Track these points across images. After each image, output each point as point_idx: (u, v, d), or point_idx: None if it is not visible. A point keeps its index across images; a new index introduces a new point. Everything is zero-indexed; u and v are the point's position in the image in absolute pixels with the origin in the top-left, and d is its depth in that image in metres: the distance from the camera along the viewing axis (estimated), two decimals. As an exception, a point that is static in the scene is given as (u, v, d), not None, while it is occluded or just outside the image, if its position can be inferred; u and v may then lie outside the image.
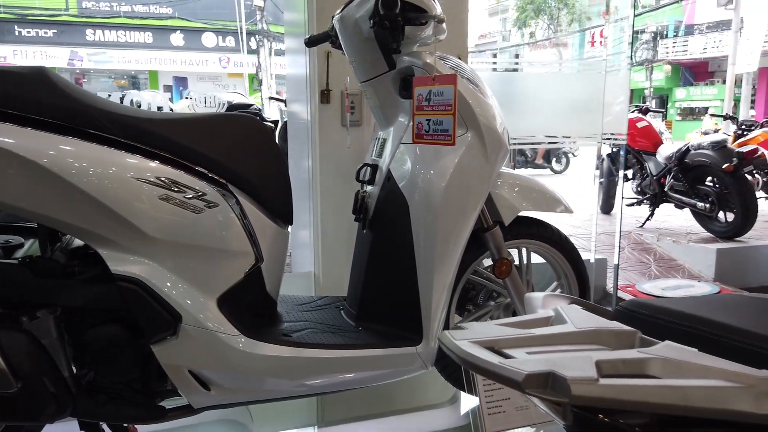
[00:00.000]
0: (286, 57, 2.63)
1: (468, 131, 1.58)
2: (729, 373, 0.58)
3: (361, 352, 1.53)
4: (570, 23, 25.82)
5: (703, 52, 22.70)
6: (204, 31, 19.53)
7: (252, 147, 1.48)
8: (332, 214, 2.21)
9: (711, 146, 5.00)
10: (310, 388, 1.53)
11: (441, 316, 1.62)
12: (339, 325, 1.66)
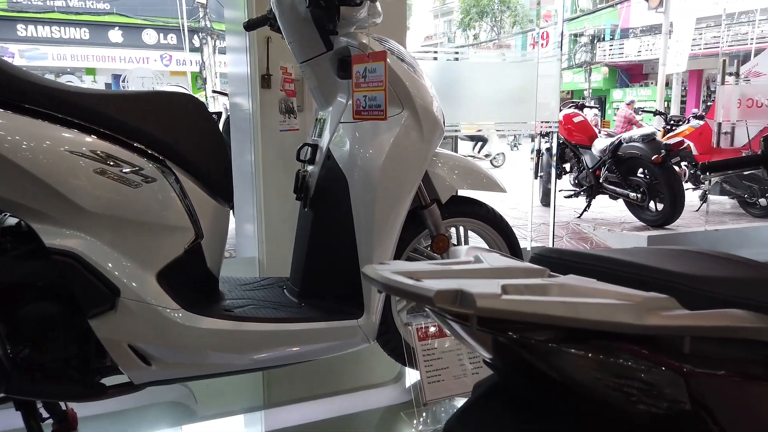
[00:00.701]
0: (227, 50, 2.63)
1: (404, 110, 1.64)
2: (618, 294, 0.65)
3: (303, 326, 1.57)
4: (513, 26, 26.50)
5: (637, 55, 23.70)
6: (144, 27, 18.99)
7: (189, 124, 1.49)
8: (275, 198, 2.23)
9: (641, 139, 5.27)
10: (253, 363, 1.55)
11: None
12: (281, 302, 1.69)
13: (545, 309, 0.60)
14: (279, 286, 1.83)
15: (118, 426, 1.83)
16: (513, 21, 26.61)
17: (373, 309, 1.66)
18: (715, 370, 0.65)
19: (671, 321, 0.61)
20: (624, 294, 0.65)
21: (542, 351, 0.66)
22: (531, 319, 0.59)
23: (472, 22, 27.27)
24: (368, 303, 1.65)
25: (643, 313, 0.62)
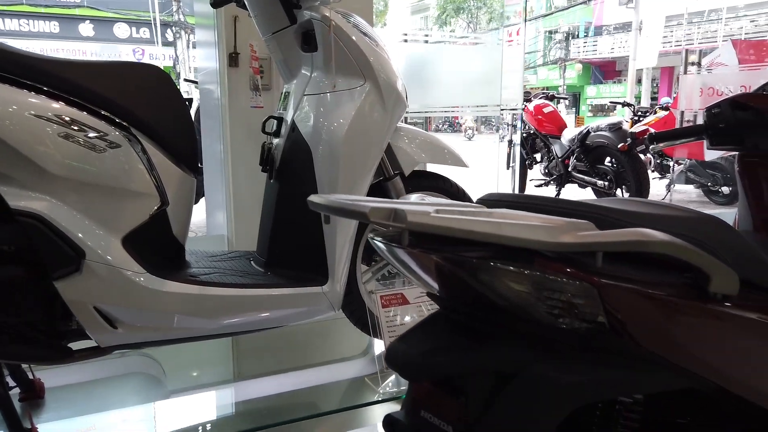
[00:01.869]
0: (195, 30, 2.66)
1: (366, 82, 1.69)
2: (540, 219, 0.71)
3: (269, 291, 1.61)
4: (489, 22, 26.73)
5: (611, 52, 24.07)
6: (116, 21, 18.71)
7: (154, 93, 1.52)
8: (244, 176, 2.26)
9: (608, 128, 5.40)
10: (220, 328, 1.59)
11: (345, 259, 1.72)
12: (247, 271, 1.73)
13: (471, 226, 0.66)
14: (246, 258, 1.86)
15: (84, 396, 1.84)
16: (489, 17, 26.83)
17: (338, 277, 1.71)
18: (625, 284, 0.71)
19: (584, 239, 0.68)
20: (546, 218, 0.71)
21: (473, 267, 0.72)
22: (457, 235, 0.65)
23: (449, 18, 27.43)
24: (333, 271, 1.69)
25: (559, 233, 0.68)
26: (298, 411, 1.90)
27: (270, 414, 1.85)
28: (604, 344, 0.76)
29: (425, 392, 0.81)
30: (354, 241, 1.76)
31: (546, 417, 0.74)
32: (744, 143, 1.65)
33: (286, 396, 2.00)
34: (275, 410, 1.90)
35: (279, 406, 1.96)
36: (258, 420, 1.81)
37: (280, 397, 2.00)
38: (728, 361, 0.84)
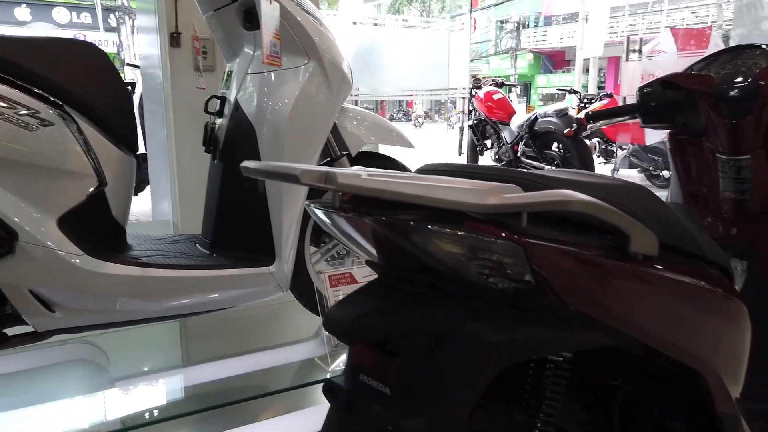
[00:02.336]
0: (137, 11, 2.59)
1: (310, 60, 1.68)
2: (469, 183, 0.74)
3: (214, 272, 1.60)
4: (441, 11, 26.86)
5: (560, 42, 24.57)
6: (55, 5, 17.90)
7: (89, 70, 1.48)
8: (189, 160, 2.22)
9: (555, 114, 5.54)
10: (165, 310, 1.57)
11: (292, 240, 1.72)
12: (192, 253, 1.71)
13: (401, 188, 0.67)
14: (191, 241, 1.84)
15: (24, 386, 1.79)
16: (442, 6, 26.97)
17: (285, 257, 1.71)
18: (549, 243, 0.74)
19: (509, 200, 0.70)
20: (474, 183, 0.73)
21: (405, 230, 0.73)
22: (388, 197, 0.66)
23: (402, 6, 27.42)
24: (279, 251, 1.69)
25: (486, 195, 0.70)
26: (248, 393, 1.90)
27: (220, 397, 1.85)
28: (533, 303, 0.79)
29: (364, 357, 0.83)
30: (301, 222, 1.76)
31: (477, 375, 0.77)
32: (674, 122, 1.73)
33: (237, 379, 2.00)
34: (226, 393, 1.90)
35: (230, 389, 1.95)
36: (208, 402, 1.80)
37: (230, 381, 1.99)
38: (649, 318, 0.89)
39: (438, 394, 0.76)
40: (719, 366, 1.05)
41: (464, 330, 0.77)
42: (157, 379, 2.00)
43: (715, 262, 1.10)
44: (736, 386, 1.16)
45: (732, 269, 1.17)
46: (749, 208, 1.67)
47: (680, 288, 0.94)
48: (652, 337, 0.90)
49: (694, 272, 0.99)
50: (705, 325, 1.00)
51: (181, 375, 2.07)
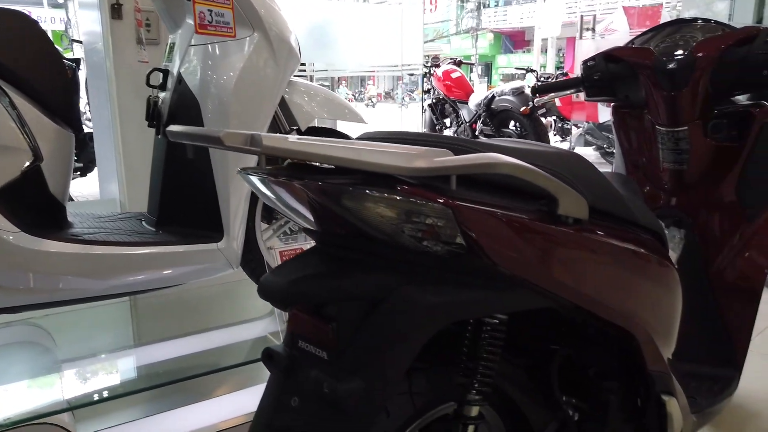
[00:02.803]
0: None
1: (254, 32, 1.65)
2: (400, 147, 0.74)
3: (160, 249, 1.57)
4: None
5: (520, 22, 24.71)
6: (-2, -20, 17.03)
7: (21, 42, 1.42)
8: (135, 136, 2.17)
9: (512, 92, 5.59)
10: (110, 288, 1.53)
11: (241, 216, 1.70)
12: (137, 230, 1.67)
13: (329, 151, 0.67)
14: (137, 219, 1.80)
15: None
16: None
17: (234, 233, 1.69)
18: (478, 206, 0.76)
19: (438, 164, 0.71)
20: (405, 147, 0.73)
21: (336, 194, 0.73)
22: (315, 160, 0.66)
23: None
24: (228, 227, 1.67)
25: (415, 158, 0.71)
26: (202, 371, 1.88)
27: (173, 376, 1.83)
28: (465, 266, 0.80)
29: (301, 323, 0.83)
30: (250, 198, 1.74)
31: (411, 337, 0.78)
32: (617, 95, 1.77)
33: (190, 358, 1.98)
34: (179, 372, 1.88)
35: (183, 368, 1.93)
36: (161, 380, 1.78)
37: (183, 359, 1.97)
38: (580, 280, 0.91)
39: (373, 356, 0.77)
40: (651, 327, 1.09)
41: (399, 293, 0.77)
42: (107, 360, 1.97)
43: (648, 228, 1.14)
44: (668, 347, 1.21)
45: (665, 235, 1.21)
46: (687, 179, 1.73)
47: (611, 251, 0.97)
48: (584, 298, 0.93)
49: (624, 236, 1.02)
50: (636, 287, 1.03)
51: (132, 355, 2.04)
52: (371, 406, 0.77)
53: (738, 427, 1.91)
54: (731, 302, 1.72)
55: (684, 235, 1.73)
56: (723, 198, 1.70)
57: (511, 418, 1.08)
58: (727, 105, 1.65)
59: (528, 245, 0.82)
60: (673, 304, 1.17)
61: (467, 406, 0.90)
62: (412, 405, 0.90)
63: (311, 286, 0.77)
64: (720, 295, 1.73)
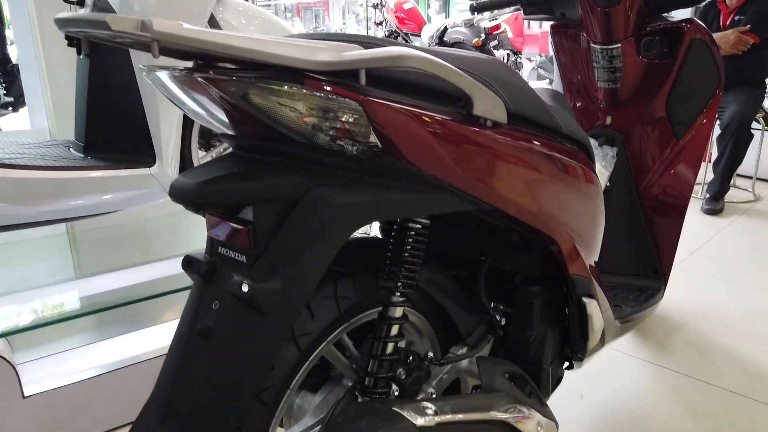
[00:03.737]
0: None
1: (176, -57, 1.56)
2: (307, 41, 0.72)
3: (88, 174, 1.52)
4: None
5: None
6: None
7: None
8: (60, 63, 2.05)
9: (464, 24, 5.51)
10: (39, 214, 1.49)
11: (174, 140, 1.66)
12: (64, 156, 1.61)
13: (228, 40, 0.64)
14: (64, 146, 1.73)
15: None
16: None
17: (167, 159, 1.65)
18: (389, 102, 0.75)
19: (345, 57, 0.69)
20: (315, 41, 0.71)
21: (243, 89, 0.71)
22: (212, 49, 0.64)
23: None
24: (160, 152, 1.63)
25: (321, 52, 0.69)
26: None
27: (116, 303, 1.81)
28: (382, 166, 0.80)
29: (220, 228, 0.82)
30: (183, 122, 1.69)
31: (328, 237, 0.78)
32: (554, 12, 1.76)
33: (133, 288, 1.96)
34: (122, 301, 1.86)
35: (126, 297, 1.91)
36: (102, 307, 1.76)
37: (127, 290, 1.95)
38: (498, 183, 0.93)
39: (291, 257, 0.77)
40: (573, 233, 1.13)
41: (314, 193, 0.77)
42: (45, 290, 1.93)
43: (573, 138, 1.17)
44: (590, 253, 1.26)
45: (590, 147, 1.24)
46: (620, 97, 1.76)
47: (530, 155, 0.99)
48: (504, 202, 0.94)
49: (546, 142, 1.04)
50: (557, 193, 1.06)
51: (73, 286, 2.00)
52: (290, 306, 0.78)
53: (665, 337, 2.04)
54: (659, 217, 1.79)
55: (616, 153, 1.78)
56: (654, 115, 1.74)
57: (440, 324, 1.12)
58: (659, 22, 1.66)
59: (444, 145, 0.82)
60: (595, 211, 1.21)
61: (392, 308, 0.93)
62: (338, 308, 0.92)
63: (224, 187, 0.76)
64: (648, 210, 1.80)
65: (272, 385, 0.84)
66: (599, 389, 1.72)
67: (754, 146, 3.59)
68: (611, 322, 1.43)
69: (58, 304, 1.82)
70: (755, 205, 3.73)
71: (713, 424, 1.57)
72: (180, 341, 0.81)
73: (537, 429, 0.95)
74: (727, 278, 2.57)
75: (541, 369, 1.16)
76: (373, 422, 0.77)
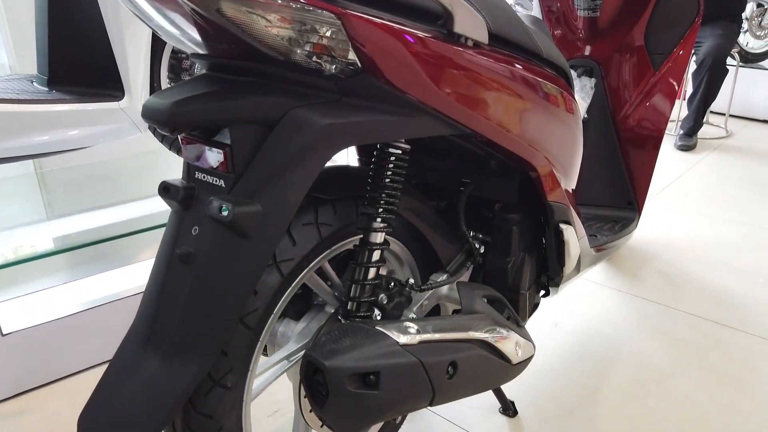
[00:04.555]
0: None
1: None
2: None
3: (53, 107, 1.46)
4: None
5: None
6: None
7: None
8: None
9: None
10: (1, 150, 1.44)
11: (143, 71, 1.59)
12: (27, 90, 1.54)
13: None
14: (27, 80, 1.66)
15: None
16: None
17: (136, 92, 1.59)
18: (368, 16, 0.72)
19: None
20: None
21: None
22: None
23: None
24: (128, 84, 1.57)
25: None
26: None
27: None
28: (362, 87, 0.78)
29: (197, 153, 0.80)
30: (151, 55, 1.62)
31: (307, 159, 0.77)
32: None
33: (109, 228, 1.93)
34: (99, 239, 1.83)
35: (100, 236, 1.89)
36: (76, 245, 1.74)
37: (102, 230, 1.92)
38: (479, 106, 0.92)
39: (270, 179, 0.76)
40: (551, 158, 1.14)
41: (293, 114, 0.75)
42: (16, 233, 1.89)
43: (553, 63, 1.15)
44: (568, 180, 1.27)
45: (569, 72, 1.23)
46: (600, 26, 1.74)
47: (511, 78, 0.97)
48: (484, 126, 0.94)
49: (527, 66, 1.02)
50: (536, 117, 1.05)
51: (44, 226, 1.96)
52: (271, 229, 0.77)
53: (638, 268, 2.10)
54: (635, 149, 1.81)
55: (594, 84, 1.77)
56: (632, 45, 1.73)
57: (420, 252, 1.12)
58: (641, -53, 1.63)
59: (424, 64, 0.80)
60: (574, 137, 1.21)
61: (373, 234, 0.93)
62: (319, 235, 0.92)
63: (199, 107, 0.73)
64: (625, 142, 1.81)
65: (256, 310, 0.84)
66: (573, 318, 1.78)
67: (728, 83, 3.61)
68: (587, 250, 1.46)
69: (32, 244, 1.79)
70: (727, 141, 3.80)
71: (682, 347, 1.64)
72: (160, 267, 0.80)
73: (515, 348, 0.98)
74: (698, 211, 2.64)
75: (519, 294, 1.18)
76: (357, 340, 0.78)
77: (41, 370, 1.44)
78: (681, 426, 1.34)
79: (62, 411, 1.37)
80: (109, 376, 0.78)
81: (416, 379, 0.80)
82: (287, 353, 0.97)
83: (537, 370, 1.53)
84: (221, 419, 0.83)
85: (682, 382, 1.49)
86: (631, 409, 1.39)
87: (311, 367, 0.78)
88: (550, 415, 1.37)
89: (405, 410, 0.83)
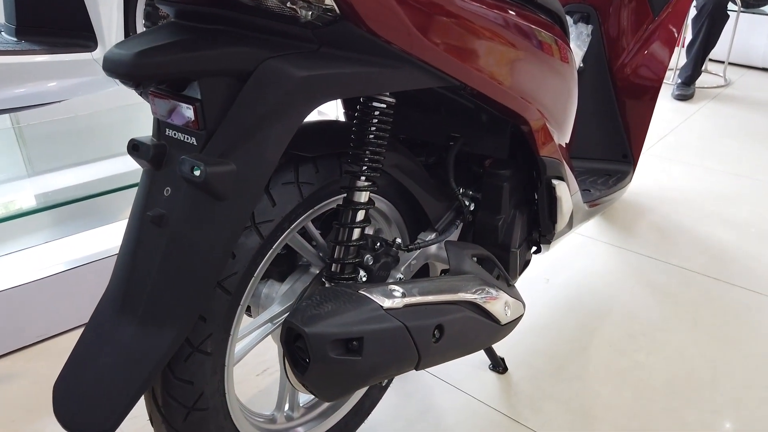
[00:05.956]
0: None
1: None
2: None
3: (24, 59, 1.39)
4: None
5: None
6: None
7: None
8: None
9: None
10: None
11: (117, 20, 1.51)
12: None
13: None
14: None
15: None
16: None
17: (110, 42, 1.52)
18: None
19: None
20: None
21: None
22: None
23: None
24: (101, 33, 1.49)
25: None
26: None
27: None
28: (341, 36, 0.73)
29: (166, 109, 0.75)
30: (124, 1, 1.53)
31: (284, 113, 0.72)
32: None
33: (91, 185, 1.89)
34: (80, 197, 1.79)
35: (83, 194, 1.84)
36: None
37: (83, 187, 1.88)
38: (466, 55, 0.86)
39: (244, 137, 0.71)
40: (544, 110, 1.08)
41: (268, 65, 0.70)
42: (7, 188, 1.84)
43: (548, 9, 1.08)
44: (561, 134, 1.22)
45: (565, 19, 1.16)
46: (598, -32, 1.65)
47: (502, 25, 0.91)
48: (473, 77, 0.88)
49: (519, 12, 0.96)
50: (530, 67, 1.00)
51: (27, 184, 1.91)
52: (247, 190, 0.73)
53: (631, 221, 2.07)
54: (631, 100, 1.75)
55: (591, 31, 1.69)
56: (632, -11, 1.65)
57: (408, 210, 1.09)
58: None
59: (408, 10, 0.74)
60: (568, 88, 1.16)
61: (357, 193, 0.89)
62: (300, 194, 0.88)
63: (165, 59, 0.67)
64: (621, 92, 1.76)
65: (235, 273, 0.81)
66: (565, 273, 1.77)
67: (727, 29, 3.51)
68: (580, 206, 1.43)
69: (11, 201, 1.74)
70: (725, 90, 3.72)
71: (673, 301, 1.63)
72: (133, 230, 0.76)
73: (504, 309, 0.95)
74: (693, 162, 2.60)
75: (509, 252, 1.15)
76: (339, 305, 0.75)
77: (26, 330, 1.42)
78: (671, 380, 1.34)
79: (46, 372, 1.35)
80: (84, 343, 0.75)
81: (401, 344, 0.78)
82: (271, 316, 0.94)
83: (528, 326, 1.52)
84: (202, 385, 0.81)
85: (673, 336, 1.49)
86: (622, 363, 1.39)
87: (292, 334, 0.75)
88: (540, 371, 1.36)
89: (390, 375, 0.81)
